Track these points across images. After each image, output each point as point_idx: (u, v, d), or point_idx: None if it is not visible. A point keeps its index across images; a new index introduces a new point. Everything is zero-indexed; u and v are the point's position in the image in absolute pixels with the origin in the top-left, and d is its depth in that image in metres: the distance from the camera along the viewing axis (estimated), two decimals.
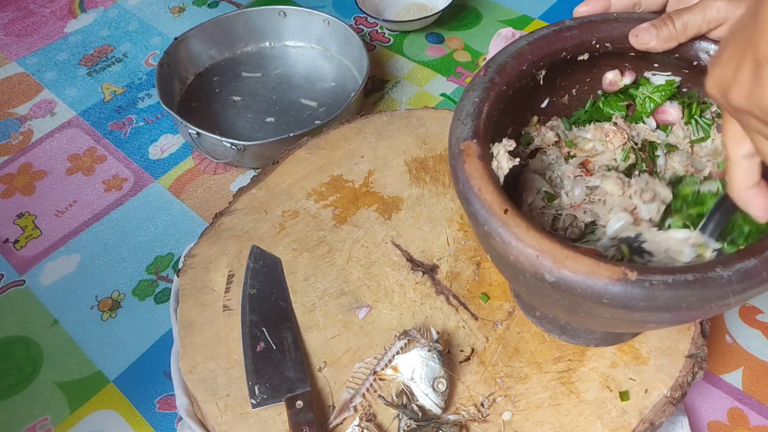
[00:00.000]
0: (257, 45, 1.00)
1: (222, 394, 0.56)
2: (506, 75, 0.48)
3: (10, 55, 1.03)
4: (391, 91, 0.95)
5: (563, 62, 0.52)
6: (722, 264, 0.38)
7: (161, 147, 0.89)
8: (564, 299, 0.41)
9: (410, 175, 0.71)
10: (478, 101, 0.47)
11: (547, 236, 0.40)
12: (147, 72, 1.00)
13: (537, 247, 0.39)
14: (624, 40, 0.50)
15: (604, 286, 0.38)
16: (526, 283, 0.43)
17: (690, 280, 0.37)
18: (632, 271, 0.38)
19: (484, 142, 0.45)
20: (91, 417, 0.64)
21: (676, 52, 0.49)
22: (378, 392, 0.55)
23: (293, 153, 0.73)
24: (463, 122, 0.46)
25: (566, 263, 0.39)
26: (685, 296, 0.38)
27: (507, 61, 0.49)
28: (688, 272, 0.38)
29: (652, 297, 0.38)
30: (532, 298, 0.49)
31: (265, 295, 0.61)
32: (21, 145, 0.90)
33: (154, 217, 0.80)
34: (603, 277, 0.38)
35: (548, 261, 0.39)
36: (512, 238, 0.40)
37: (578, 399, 0.54)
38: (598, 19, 0.50)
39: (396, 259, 0.64)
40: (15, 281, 0.75)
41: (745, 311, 0.70)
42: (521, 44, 0.50)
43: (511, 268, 0.42)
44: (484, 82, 0.48)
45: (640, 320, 0.42)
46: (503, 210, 0.41)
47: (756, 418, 0.62)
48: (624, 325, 0.45)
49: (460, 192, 0.44)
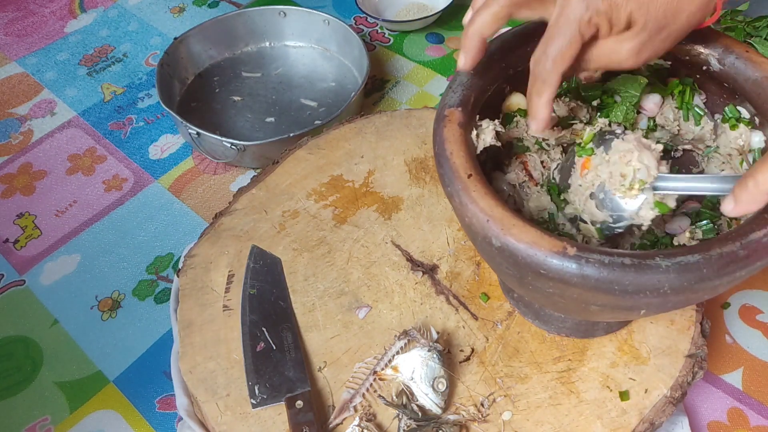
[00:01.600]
0: (257, 45, 1.00)
1: (222, 394, 0.56)
2: (505, 51, 0.50)
3: (10, 55, 1.03)
4: (391, 91, 0.95)
5: None
6: (664, 254, 0.39)
7: (161, 147, 0.89)
8: (511, 268, 0.43)
9: (410, 175, 0.71)
10: (473, 73, 0.48)
11: (501, 204, 0.42)
12: (147, 72, 1.00)
13: (488, 212, 0.42)
14: None
15: (543, 256, 0.40)
16: (480, 247, 0.45)
17: (626, 264, 0.38)
18: (572, 246, 0.39)
19: (471, 111, 0.47)
20: (91, 417, 0.64)
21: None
22: (378, 392, 0.55)
23: (293, 153, 0.73)
24: (454, 90, 0.48)
25: (512, 231, 0.41)
26: (618, 278, 0.38)
27: (510, 39, 0.50)
28: (627, 256, 0.39)
29: (586, 274, 0.39)
30: (489, 265, 0.51)
31: (265, 295, 0.61)
32: (21, 145, 0.90)
33: (154, 217, 0.80)
34: (543, 248, 0.40)
35: (496, 227, 0.41)
36: (468, 201, 0.43)
37: (578, 399, 0.54)
38: None
39: (396, 259, 0.64)
40: (15, 281, 0.75)
41: (745, 311, 0.70)
42: (517, 30, 0.51)
43: (468, 230, 0.45)
44: (483, 61, 0.48)
45: (580, 300, 0.42)
46: (467, 174, 0.44)
47: (756, 418, 0.62)
48: (570, 305, 0.45)
49: (435, 154, 0.46)
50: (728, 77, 0.49)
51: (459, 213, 0.44)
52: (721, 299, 0.70)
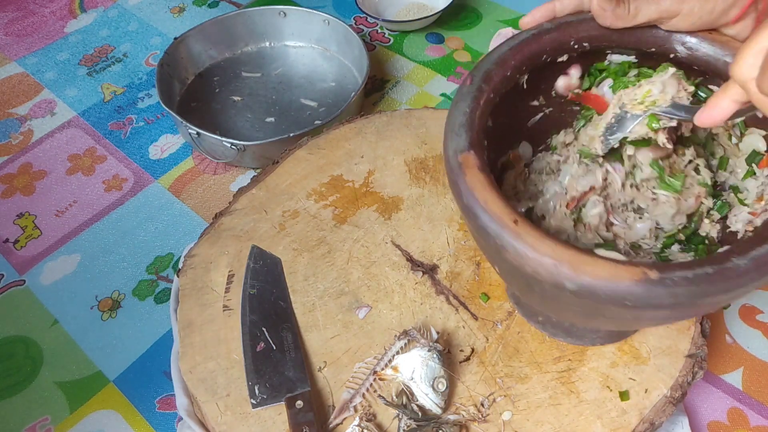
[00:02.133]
0: (257, 45, 1.00)
1: (222, 394, 0.56)
2: (492, 82, 0.48)
3: (10, 55, 1.03)
4: (391, 91, 0.95)
5: (544, 65, 0.52)
6: (736, 253, 0.38)
7: (161, 147, 0.89)
8: (584, 305, 0.41)
9: (410, 175, 0.71)
10: (469, 111, 0.46)
11: (563, 243, 0.39)
12: (147, 72, 1.00)
13: (554, 255, 0.39)
14: (601, 39, 0.51)
15: (626, 287, 0.37)
16: (543, 292, 0.42)
17: (710, 273, 0.37)
18: (652, 269, 0.38)
19: (481, 152, 0.45)
20: (91, 417, 0.64)
21: (632, 41, 0.51)
22: (378, 392, 0.55)
23: (293, 153, 0.73)
24: (458, 134, 0.45)
25: (586, 269, 0.38)
26: (707, 291, 0.37)
27: (491, 68, 0.49)
28: (706, 265, 0.38)
29: (676, 294, 0.37)
30: (546, 307, 0.49)
31: (265, 295, 0.61)
32: (21, 145, 0.90)
33: (154, 217, 0.80)
34: (624, 279, 0.37)
35: (567, 269, 0.38)
36: (527, 249, 0.39)
37: (578, 399, 0.54)
38: (575, 20, 0.51)
39: (396, 259, 0.64)
40: (15, 281, 0.75)
41: (745, 311, 0.70)
42: (503, 50, 0.50)
43: (527, 279, 0.41)
44: (472, 91, 0.47)
45: (663, 317, 0.42)
46: (513, 221, 0.40)
47: (756, 418, 0.62)
48: (644, 322, 0.45)
49: (465, 206, 0.43)
50: (698, 61, 0.50)
51: (516, 264, 0.41)
52: None
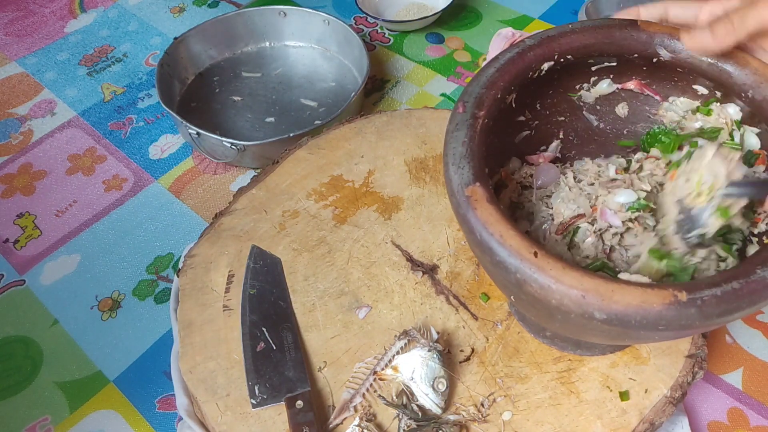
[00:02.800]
0: (257, 45, 1.00)
1: (222, 394, 0.56)
2: (484, 107, 0.47)
3: (10, 55, 1.03)
4: (391, 91, 0.95)
5: (531, 82, 0.52)
6: (761, 263, 0.38)
7: (161, 147, 0.89)
8: (612, 331, 0.40)
9: (410, 175, 0.71)
10: (468, 140, 0.45)
11: (588, 273, 0.38)
12: (147, 72, 1.00)
13: (580, 287, 0.38)
14: (583, 51, 0.51)
15: (658, 312, 0.37)
16: (567, 321, 0.41)
17: (737, 288, 0.37)
18: (681, 291, 0.37)
19: (487, 182, 0.44)
20: (91, 417, 0.64)
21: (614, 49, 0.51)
22: (378, 392, 0.55)
23: (293, 153, 0.73)
24: (460, 166, 0.44)
25: (615, 297, 0.37)
26: (737, 306, 0.37)
27: (482, 93, 0.48)
28: (733, 280, 0.37)
29: (707, 314, 0.37)
30: (567, 332, 0.48)
31: (265, 295, 0.61)
32: (21, 145, 0.90)
33: (154, 217, 0.80)
34: (655, 303, 0.37)
35: (595, 299, 0.37)
36: (551, 282, 0.38)
37: (578, 399, 0.54)
38: (556, 34, 0.51)
39: (396, 259, 0.64)
40: (15, 281, 0.75)
41: None
42: (490, 72, 0.49)
43: (551, 310, 0.40)
44: (466, 119, 0.46)
45: (690, 332, 0.41)
46: (533, 254, 0.39)
47: (756, 418, 0.62)
48: (670, 339, 0.45)
49: (479, 241, 0.42)
50: (681, 63, 0.50)
51: (540, 297, 0.40)
52: None
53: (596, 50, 0.52)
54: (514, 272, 0.40)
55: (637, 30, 0.51)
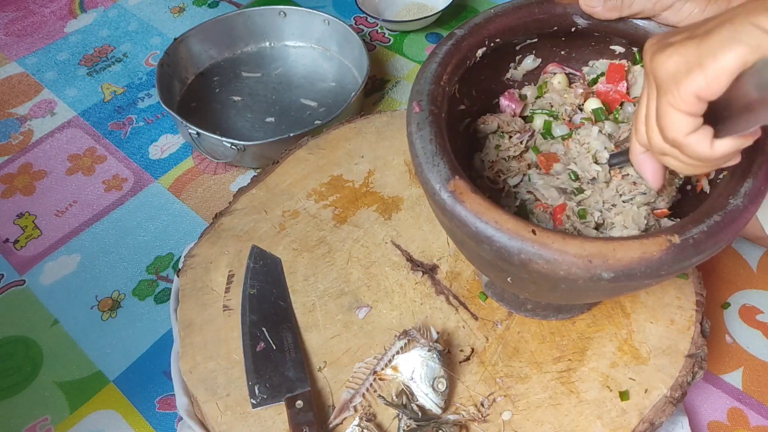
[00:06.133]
0: (257, 45, 1.00)
1: (222, 394, 0.56)
2: (438, 102, 0.48)
3: (10, 55, 1.03)
4: (391, 91, 0.95)
5: (467, 70, 0.53)
6: (731, 193, 0.41)
7: (161, 147, 0.89)
8: (618, 288, 0.42)
9: (410, 175, 0.71)
10: (434, 137, 0.46)
11: (588, 239, 0.40)
12: (147, 72, 1.00)
13: (585, 253, 0.39)
14: (508, 33, 0.53)
15: (658, 259, 0.39)
16: (572, 288, 0.42)
17: (719, 221, 0.40)
18: (672, 235, 0.40)
19: (464, 174, 0.44)
20: (91, 417, 0.64)
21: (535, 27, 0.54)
22: (378, 392, 0.55)
23: (293, 153, 0.73)
24: (434, 163, 0.44)
25: (617, 255, 0.39)
26: (723, 237, 0.40)
27: (432, 89, 0.49)
28: (713, 214, 0.40)
29: (701, 249, 0.40)
30: (564, 299, 0.50)
31: (265, 295, 0.61)
32: (21, 145, 0.90)
33: (154, 217, 0.80)
34: (654, 252, 0.39)
35: (601, 260, 0.39)
36: (556, 255, 0.39)
37: (578, 399, 0.54)
38: (482, 21, 0.53)
39: (396, 259, 0.64)
40: (15, 281, 0.75)
41: (745, 311, 0.70)
42: (433, 67, 0.50)
43: (556, 281, 0.41)
44: (426, 116, 0.47)
45: (684, 270, 0.43)
46: (531, 231, 0.40)
47: (756, 418, 0.62)
48: (667, 280, 0.48)
49: (473, 232, 0.42)
50: (597, 28, 0.54)
51: (546, 271, 0.40)
52: (721, 299, 0.70)
53: (521, 29, 0.54)
54: (517, 254, 0.40)
55: (554, 4, 0.53)
